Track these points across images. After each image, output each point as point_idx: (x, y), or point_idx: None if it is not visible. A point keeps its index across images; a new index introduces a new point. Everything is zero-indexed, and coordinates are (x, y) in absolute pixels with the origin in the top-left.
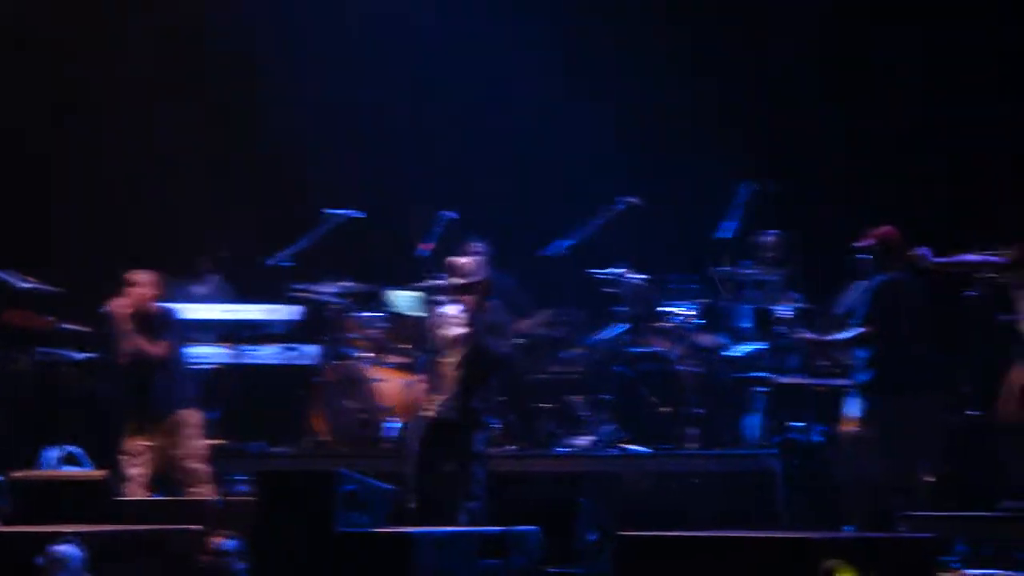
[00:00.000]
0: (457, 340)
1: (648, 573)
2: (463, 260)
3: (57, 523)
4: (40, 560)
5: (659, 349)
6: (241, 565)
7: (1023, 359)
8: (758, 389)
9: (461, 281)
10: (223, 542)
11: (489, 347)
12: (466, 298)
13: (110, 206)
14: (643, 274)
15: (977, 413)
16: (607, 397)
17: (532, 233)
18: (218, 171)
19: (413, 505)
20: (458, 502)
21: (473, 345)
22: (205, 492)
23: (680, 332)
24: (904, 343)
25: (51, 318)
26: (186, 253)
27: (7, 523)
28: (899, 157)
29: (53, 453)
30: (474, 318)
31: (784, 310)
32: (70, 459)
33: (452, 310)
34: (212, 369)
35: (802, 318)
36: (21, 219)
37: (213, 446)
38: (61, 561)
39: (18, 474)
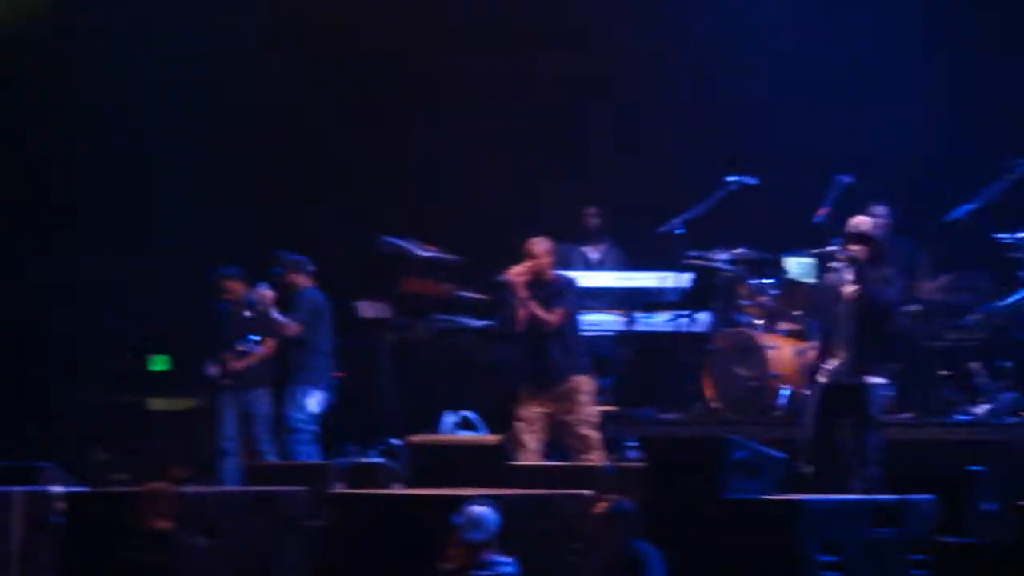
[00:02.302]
0: (850, 302)
1: None
2: (861, 218)
3: (453, 486)
4: (458, 519)
5: None
6: (633, 530)
7: None
8: None
9: (854, 231)
10: (615, 507)
11: (878, 296)
12: (856, 248)
13: (511, 175)
14: None
15: None
16: (1007, 364)
17: (937, 198)
18: (616, 138)
19: (808, 472)
20: (854, 469)
21: (864, 297)
22: (596, 458)
23: None
24: None
25: (449, 286)
26: (580, 221)
27: (407, 486)
28: None
29: (451, 418)
30: (863, 269)
31: None
32: (466, 424)
33: (846, 274)
34: (605, 336)
35: None
36: (421, 189)
37: (604, 412)
38: (478, 521)
39: (417, 438)
